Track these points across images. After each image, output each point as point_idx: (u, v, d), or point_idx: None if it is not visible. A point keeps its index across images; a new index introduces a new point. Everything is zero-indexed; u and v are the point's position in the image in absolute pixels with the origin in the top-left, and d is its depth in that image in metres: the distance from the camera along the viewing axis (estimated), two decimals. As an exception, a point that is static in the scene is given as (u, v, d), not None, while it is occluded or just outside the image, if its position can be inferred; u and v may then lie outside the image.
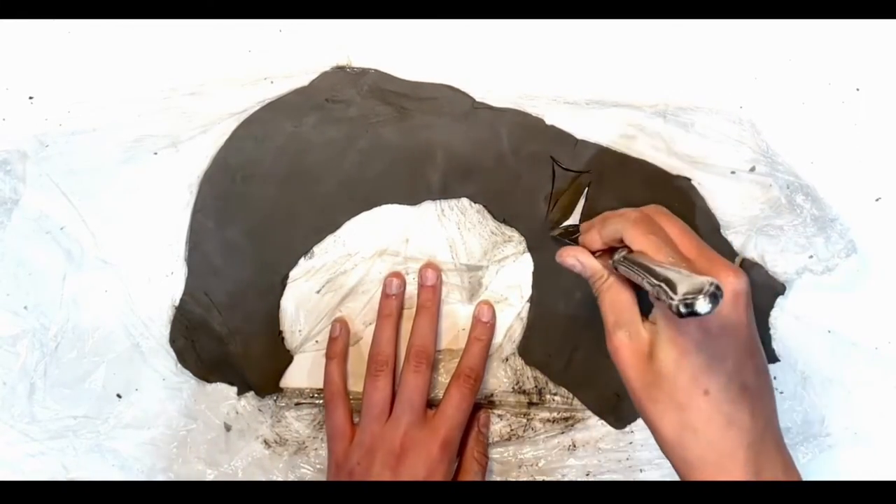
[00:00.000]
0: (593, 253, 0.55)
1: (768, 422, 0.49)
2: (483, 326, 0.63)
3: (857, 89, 0.60)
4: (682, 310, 0.41)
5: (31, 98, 0.62)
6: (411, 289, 0.64)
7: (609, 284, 0.53)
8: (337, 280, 0.63)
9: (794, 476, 0.49)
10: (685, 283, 0.43)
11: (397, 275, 0.63)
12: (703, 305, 0.41)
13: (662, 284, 0.44)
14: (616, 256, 0.51)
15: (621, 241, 0.51)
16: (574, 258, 0.55)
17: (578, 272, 0.55)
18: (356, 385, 0.63)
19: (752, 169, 0.60)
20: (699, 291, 0.41)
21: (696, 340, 0.47)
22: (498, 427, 0.64)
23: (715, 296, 0.41)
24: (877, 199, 0.61)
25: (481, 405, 0.64)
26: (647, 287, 0.46)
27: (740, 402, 0.48)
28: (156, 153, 0.62)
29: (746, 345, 0.48)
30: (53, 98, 0.62)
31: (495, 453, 0.64)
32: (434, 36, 0.61)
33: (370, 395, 0.60)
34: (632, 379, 0.50)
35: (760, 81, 0.60)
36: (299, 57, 0.61)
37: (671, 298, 0.42)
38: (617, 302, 0.52)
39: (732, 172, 0.60)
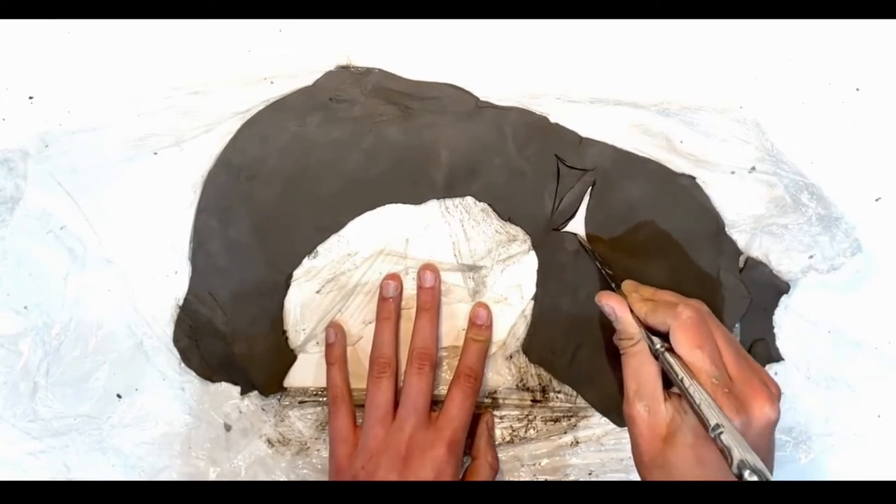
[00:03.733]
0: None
1: None
2: (479, 328, 0.63)
3: (857, 89, 0.61)
4: (734, 472, 0.46)
5: (31, 98, 0.62)
6: (412, 290, 0.63)
7: (637, 350, 0.54)
8: (339, 279, 0.63)
9: None
10: (735, 447, 0.46)
11: (394, 277, 0.63)
12: (750, 476, 0.46)
13: (703, 415, 0.48)
14: (657, 346, 0.53)
15: (666, 333, 0.53)
16: (612, 307, 0.56)
17: (611, 320, 0.57)
18: (357, 384, 0.63)
19: (753, 169, 0.61)
20: (751, 468, 0.45)
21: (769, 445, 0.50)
22: (499, 430, 0.64)
23: (760, 473, 0.46)
24: (877, 199, 0.61)
25: (485, 403, 0.64)
26: (685, 394, 0.49)
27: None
28: (156, 153, 0.62)
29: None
30: (53, 98, 0.62)
31: (498, 452, 0.64)
32: (437, 35, 0.61)
33: (373, 398, 0.60)
34: (643, 453, 0.53)
35: (760, 81, 0.61)
36: (299, 57, 0.61)
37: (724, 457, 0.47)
38: (642, 371, 0.54)
39: (732, 172, 0.61)
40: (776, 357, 0.62)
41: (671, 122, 0.61)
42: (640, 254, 0.62)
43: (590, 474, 0.64)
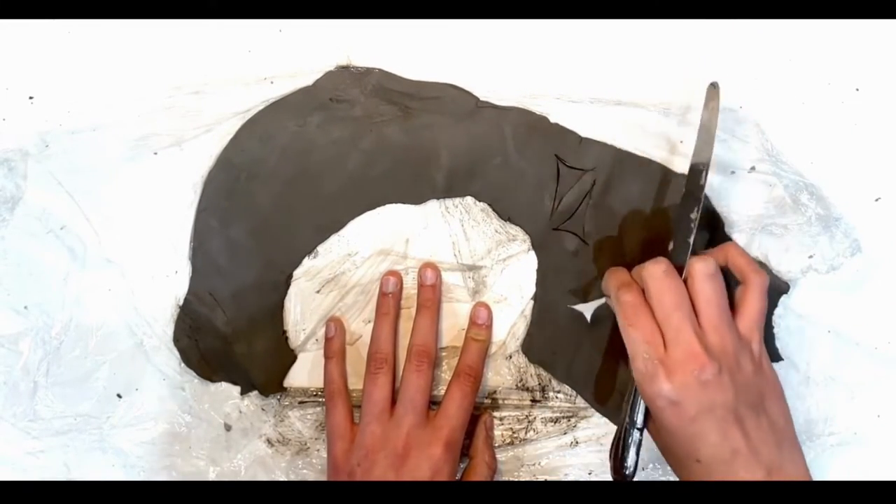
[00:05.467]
0: None
1: (773, 470, 0.52)
2: (479, 328, 0.63)
3: (857, 89, 0.61)
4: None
5: (31, 98, 0.62)
6: (413, 289, 0.63)
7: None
8: (339, 279, 0.63)
9: None
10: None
11: (394, 273, 0.63)
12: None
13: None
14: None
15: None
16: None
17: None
18: (358, 384, 0.63)
19: (752, 169, 0.61)
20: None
21: (678, 425, 0.52)
22: (499, 431, 0.64)
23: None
24: (876, 199, 0.61)
25: (484, 404, 0.64)
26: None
27: (732, 461, 0.51)
28: (156, 153, 0.62)
29: (728, 416, 0.51)
30: (53, 98, 0.62)
31: (497, 453, 0.64)
32: (437, 35, 0.61)
33: (370, 394, 0.60)
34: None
35: (760, 81, 0.61)
36: (299, 57, 0.62)
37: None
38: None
39: (732, 172, 0.61)
40: (776, 357, 0.62)
41: (671, 122, 0.61)
42: (640, 254, 0.62)
43: (590, 474, 0.64)
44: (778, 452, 0.52)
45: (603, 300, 0.61)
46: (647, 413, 0.55)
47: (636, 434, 0.55)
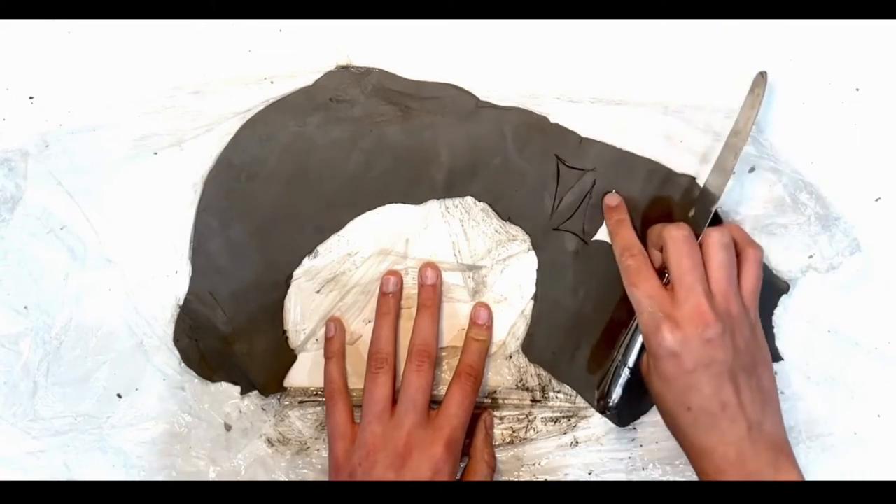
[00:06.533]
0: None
1: (753, 426, 0.54)
2: (479, 328, 0.63)
3: (857, 89, 0.61)
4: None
5: (31, 98, 0.62)
6: (413, 289, 0.63)
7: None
8: (339, 279, 0.63)
9: (785, 475, 0.54)
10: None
11: (394, 273, 0.63)
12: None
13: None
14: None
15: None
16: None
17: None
18: (359, 384, 0.63)
19: (752, 169, 0.61)
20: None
21: (675, 374, 0.54)
22: (499, 430, 0.64)
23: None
24: (877, 199, 0.61)
25: (484, 403, 0.64)
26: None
27: (720, 413, 0.54)
28: (156, 153, 0.62)
29: (724, 373, 0.54)
30: (54, 98, 0.62)
31: (497, 452, 0.64)
32: (437, 35, 0.61)
33: (371, 393, 0.60)
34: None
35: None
36: (299, 57, 0.61)
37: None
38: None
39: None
40: (776, 357, 0.62)
41: (671, 121, 0.61)
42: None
43: (590, 474, 0.64)
44: (761, 411, 0.55)
45: None
46: (639, 356, 0.59)
47: (625, 372, 0.59)
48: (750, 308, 0.57)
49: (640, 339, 0.58)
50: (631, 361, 0.59)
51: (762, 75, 0.58)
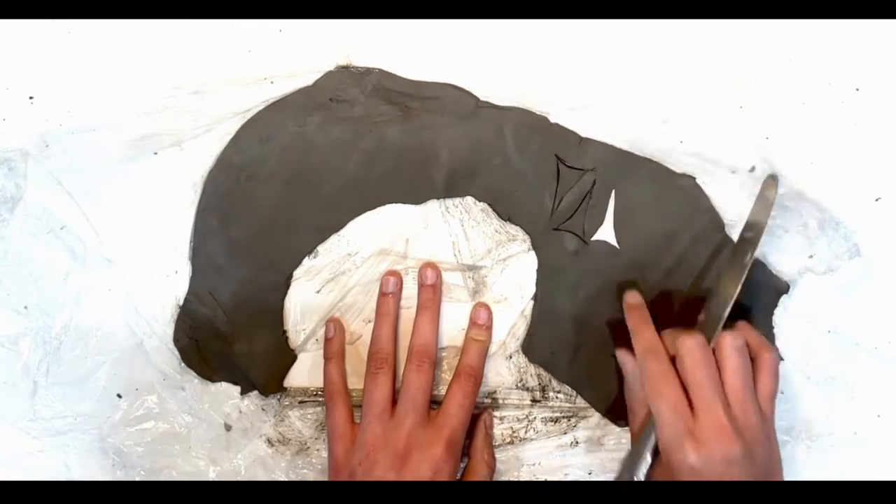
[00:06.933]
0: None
1: None
2: (479, 328, 0.63)
3: (857, 89, 0.61)
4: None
5: (31, 98, 0.62)
6: (413, 289, 0.63)
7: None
8: (339, 279, 0.63)
9: None
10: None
11: (394, 273, 0.63)
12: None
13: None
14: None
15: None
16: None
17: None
18: (359, 384, 0.63)
19: (753, 169, 0.61)
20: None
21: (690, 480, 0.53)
22: (499, 430, 0.64)
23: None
24: (877, 200, 0.61)
25: (484, 403, 0.64)
26: None
27: None
28: (156, 153, 0.62)
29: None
30: (54, 98, 0.62)
31: (497, 452, 0.64)
32: (437, 35, 0.61)
33: (371, 393, 0.60)
34: None
35: (760, 81, 0.61)
36: (299, 57, 0.61)
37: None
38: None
39: (733, 172, 0.61)
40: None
41: (671, 121, 0.61)
42: (639, 254, 0.62)
43: (589, 474, 0.64)
44: None
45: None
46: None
47: (647, 466, 0.57)
48: (766, 413, 0.56)
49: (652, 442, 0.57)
50: (650, 458, 0.57)
51: (773, 178, 0.58)
